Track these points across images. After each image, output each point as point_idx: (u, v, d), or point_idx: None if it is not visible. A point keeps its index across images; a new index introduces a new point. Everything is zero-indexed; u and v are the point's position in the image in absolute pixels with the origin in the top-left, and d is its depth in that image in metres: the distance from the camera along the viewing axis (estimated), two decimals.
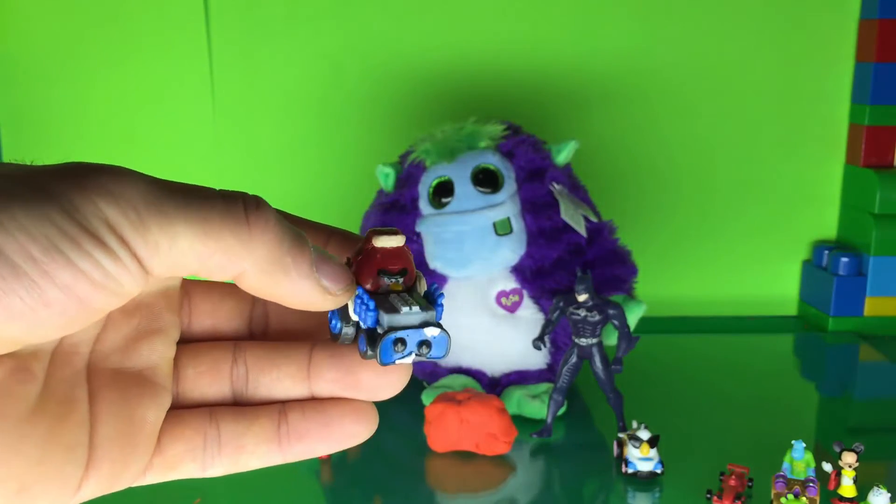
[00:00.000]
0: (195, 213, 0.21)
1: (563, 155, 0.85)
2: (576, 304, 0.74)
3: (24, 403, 0.21)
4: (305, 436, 0.25)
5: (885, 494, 0.62)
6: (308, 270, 0.22)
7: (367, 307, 0.23)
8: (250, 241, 0.21)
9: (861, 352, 1.04)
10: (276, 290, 0.22)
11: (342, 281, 0.23)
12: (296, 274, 0.22)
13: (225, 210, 0.21)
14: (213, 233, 0.21)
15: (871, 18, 1.05)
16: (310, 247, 0.22)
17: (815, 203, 1.13)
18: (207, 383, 0.25)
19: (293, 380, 0.25)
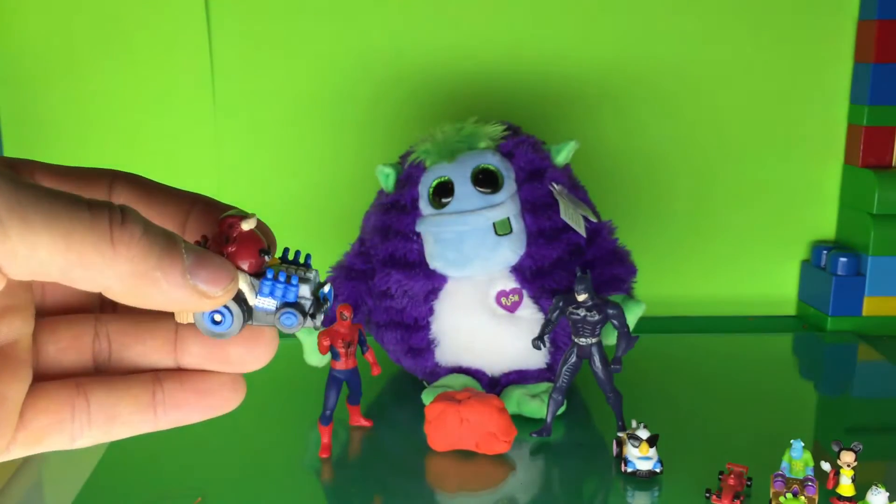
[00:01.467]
0: (58, 224, 0.20)
1: (563, 155, 0.85)
2: (575, 303, 0.75)
3: None
4: (182, 404, 0.25)
5: (883, 493, 0.62)
6: (181, 280, 0.21)
7: (288, 284, 0.24)
8: (114, 257, 0.21)
9: (859, 351, 1.04)
10: (147, 301, 0.22)
11: (223, 281, 0.22)
12: (167, 286, 0.21)
13: (90, 223, 0.20)
14: (74, 246, 0.20)
15: (870, 19, 1.05)
16: (182, 254, 0.22)
17: (814, 203, 1.14)
18: (70, 358, 0.25)
19: (159, 354, 0.25)
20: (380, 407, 0.87)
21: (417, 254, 0.83)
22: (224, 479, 0.73)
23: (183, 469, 0.75)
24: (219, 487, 0.72)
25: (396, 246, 0.83)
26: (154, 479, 0.73)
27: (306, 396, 0.85)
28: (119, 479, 0.73)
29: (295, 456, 0.77)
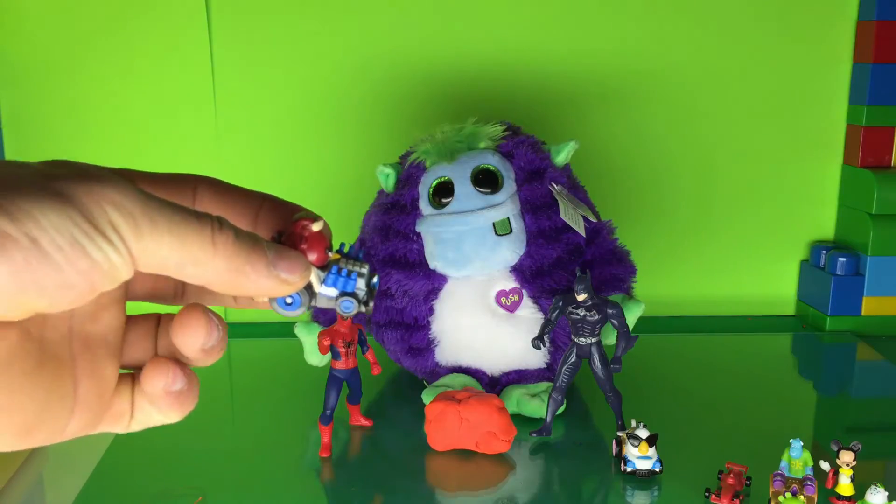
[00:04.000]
0: (177, 229, 0.25)
1: (563, 155, 0.85)
2: (575, 303, 0.75)
3: (30, 360, 0.25)
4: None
5: (882, 493, 0.62)
6: (265, 271, 0.27)
7: (350, 277, 0.29)
8: (214, 256, 0.26)
9: (858, 351, 1.04)
10: (240, 290, 0.27)
11: (298, 271, 0.28)
12: (255, 276, 0.27)
13: (198, 229, 0.25)
14: (187, 247, 0.25)
15: (869, 20, 1.06)
16: (265, 251, 0.27)
17: (813, 203, 1.14)
18: (139, 349, 0.30)
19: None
20: (380, 407, 0.87)
21: (417, 254, 0.83)
22: (224, 479, 0.73)
23: (184, 468, 0.75)
24: (219, 487, 0.72)
25: (396, 246, 0.84)
26: (155, 479, 0.73)
27: (306, 396, 0.85)
28: (120, 479, 0.73)
29: (295, 455, 0.77)
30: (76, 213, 0.23)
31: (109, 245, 0.24)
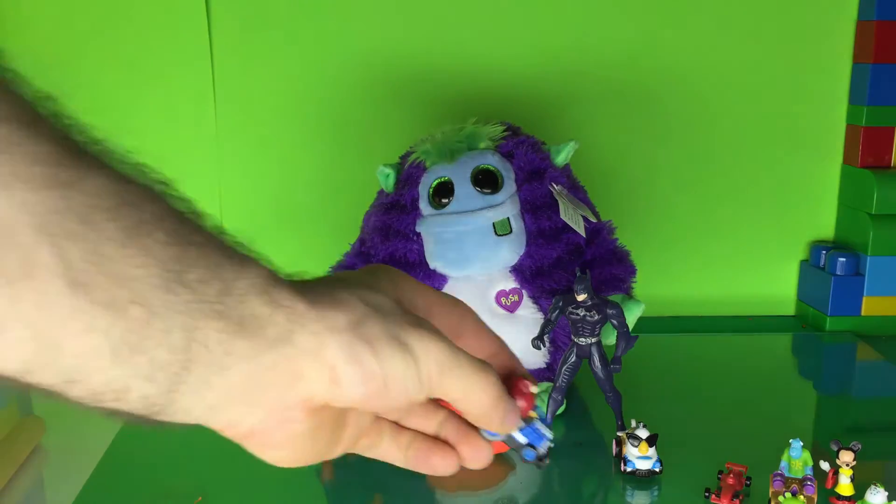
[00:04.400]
0: (468, 375, 0.32)
1: (563, 156, 0.85)
2: (575, 303, 0.75)
3: (325, 432, 0.32)
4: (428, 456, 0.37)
5: (882, 493, 0.62)
6: (502, 415, 0.34)
7: (544, 435, 0.37)
8: (482, 398, 0.33)
9: (858, 351, 1.04)
10: (478, 422, 0.35)
11: (516, 421, 0.35)
12: (495, 417, 0.34)
13: (482, 377, 0.33)
14: (470, 387, 0.32)
15: (869, 20, 1.06)
16: (507, 401, 0.34)
17: (813, 203, 1.14)
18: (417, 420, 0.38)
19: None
20: None
21: (417, 254, 0.83)
22: (224, 479, 0.73)
23: (183, 469, 0.75)
24: (219, 487, 0.72)
25: (396, 246, 0.84)
26: (155, 479, 0.73)
27: None
28: (120, 479, 0.73)
29: None
30: (412, 364, 0.30)
31: (423, 388, 0.31)
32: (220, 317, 0.26)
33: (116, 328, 0.24)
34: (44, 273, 0.23)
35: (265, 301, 0.28)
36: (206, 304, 0.26)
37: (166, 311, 0.25)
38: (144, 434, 0.81)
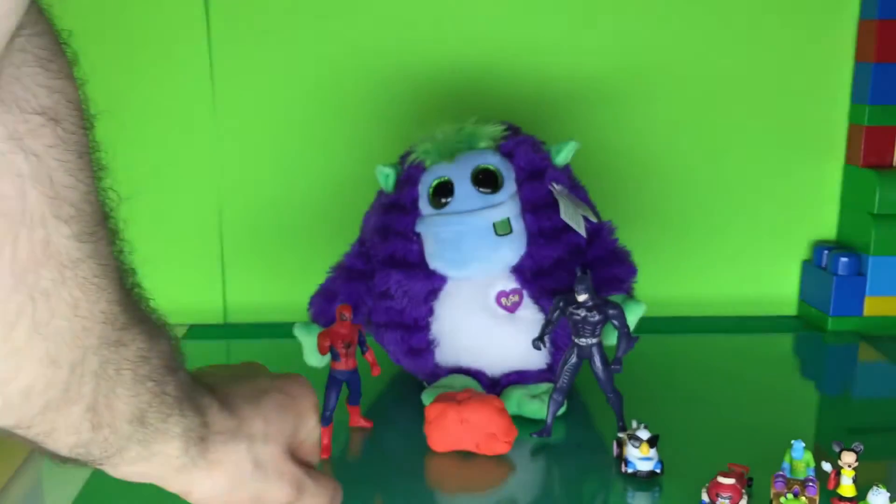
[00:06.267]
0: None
1: (563, 155, 0.85)
2: (575, 304, 0.75)
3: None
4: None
5: (884, 494, 0.62)
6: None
7: None
8: None
9: (860, 351, 1.04)
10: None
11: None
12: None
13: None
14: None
15: (871, 19, 1.05)
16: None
17: (815, 203, 1.14)
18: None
19: None
20: (380, 407, 0.87)
21: (417, 254, 0.83)
22: None
23: None
24: None
25: (396, 246, 0.83)
26: None
27: None
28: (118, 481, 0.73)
29: None
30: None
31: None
32: (144, 446, 0.37)
33: (87, 437, 0.34)
34: (81, 401, 0.32)
35: (180, 448, 0.39)
36: (144, 436, 0.37)
37: (119, 436, 0.36)
38: None
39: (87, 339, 0.31)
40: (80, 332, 0.30)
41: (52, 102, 0.28)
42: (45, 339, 0.29)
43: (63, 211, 0.28)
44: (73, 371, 0.31)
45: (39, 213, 0.27)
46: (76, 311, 0.30)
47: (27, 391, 0.30)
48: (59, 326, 0.29)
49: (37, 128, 0.27)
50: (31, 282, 0.28)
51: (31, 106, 0.27)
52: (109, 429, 0.35)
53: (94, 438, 0.34)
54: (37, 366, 0.30)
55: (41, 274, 0.28)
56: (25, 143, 0.26)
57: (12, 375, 0.29)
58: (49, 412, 0.32)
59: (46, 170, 0.27)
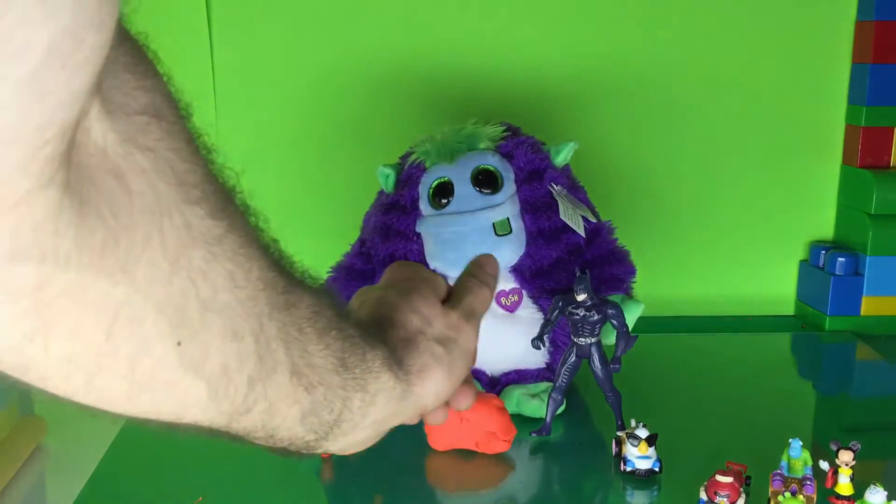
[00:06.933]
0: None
1: (562, 156, 0.85)
2: (575, 303, 0.75)
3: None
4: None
5: (881, 492, 0.62)
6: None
7: None
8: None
9: (858, 351, 1.04)
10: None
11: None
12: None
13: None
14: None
15: (868, 20, 1.06)
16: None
17: (812, 203, 1.14)
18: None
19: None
20: None
21: (417, 254, 0.83)
22: (225, 479, 0.73)
23: (184, 468, 0.75)
24: (219, 487, 0.72)
25: (397, 246, 0.84)
26: (155, 479, 0.74)
27: None
28: (121, 479, 0.74)
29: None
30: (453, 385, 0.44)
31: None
32: (363, 390, 0.37)
33: (307, 402, 0.35)
34: (280, 367, 0.33)
35: (390, 376, 0.39)
36: (356, 381, 0.37)
37: (335, 388, 0.36)
38: (145, 434, 0.81)
39: (256, 307, 0.32)
40: (248, 302, 0.32)
41: (150, 100, 0.30)
42: (218, 315, 0.31)
43: (191, 195, 0.30)
44: (257, 340, 0.32)
45: (172, 201, 0.29)
46: (235, 282, 0.31)
47: (224, 368, 0.31)
48: (225, 300, 0.31)
49: (143, 126, 0.29)
50: (186, 264, 0.29)
51: (132, 108, 0.29)
52: (322, 386, 0.35)
53: (314, 401, 0.35)
54: (220, 341, 0.31)
55: (193, 255, 0.29)
56: (139, 142, 0.28)
57: (203, 356, 0.31)
58: (257, 385, 0.33)
59: (165, 161, 0.29)
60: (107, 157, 0.27)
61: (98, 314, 0.27)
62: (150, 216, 0.28)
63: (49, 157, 0.24)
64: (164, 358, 0.29)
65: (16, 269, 0.25)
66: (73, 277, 0.26)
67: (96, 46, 0.24)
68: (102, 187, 0.27)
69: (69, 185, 0.25)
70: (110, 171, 0.27)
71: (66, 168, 0.25)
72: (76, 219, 0.25)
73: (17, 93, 0.22)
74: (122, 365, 0.29)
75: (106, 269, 0.27)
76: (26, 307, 0.26)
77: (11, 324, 0.26)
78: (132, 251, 0.27)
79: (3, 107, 0.22)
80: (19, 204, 0.24)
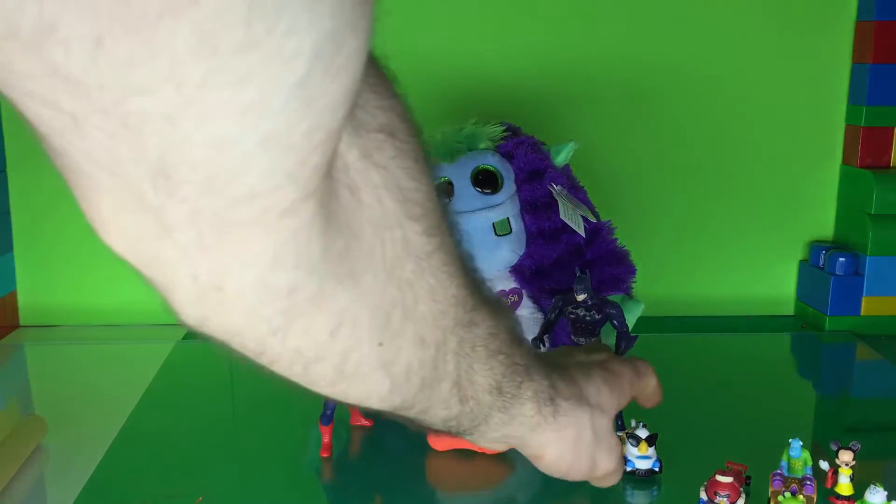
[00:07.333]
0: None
1: (562, 156, 0.85)
2: (575, 303, 0.75)
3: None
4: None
5: (881, 492, 0.62)
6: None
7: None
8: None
9: (858, 351, 1.04)
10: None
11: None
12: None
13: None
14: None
15: (868, 21, 1.06)
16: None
17: (813, 203, 1.14)
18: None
19: None
20: None
21: None
22: (225, 479, 0.73)
23: (184, 468, 0.75)
24: (219, 487, 0.72)
25: None
26: (155, 479, 0.74)
27: (307, 396, 0.85)
28: (121, 479, 0.74)
29: (295, 455, 0.77)
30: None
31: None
32: (506, 412, 0.41)
33: (456, 410, 0.38)
34: (448, 377, 0.37)
35: (533, 409, 0.42)
36: (504, 403, 0.40)
37: (483, 406, 0.39)
38: (145, 434, 0.81)
39: (445, 321, 0.35)
40: (439, 315, 0.35)
41: (387, 119, 0.32)
42: (413, 323, 0.34)
43: (413, 211, 0.32)
44: (438, 350, 0.35)
45: (395, 216, 0.31)
46: (434, 296, 0.34)
47: (407, 370, 0.34)
48: (422, 311, 0.34)
49: (380, 144, 0.31)
50: (399, 275, 0.32)
51: (372, 126, 0.31)
52: (474, 401, 0.38)
53: (462, 411, 0.38)
54: (411, 347, 0.34)
55: (405, 267, 0.32)
56: (375, 159, 0.30)
57: (395, 357, 0.34)
58: (425, 389, 0.36)
59: (394, 178, 0.31)
60: (348, 172, 0.29)
61: (328, 316, 0.30)
62: (375, 228, 0.31)
63: (316, 166, 0.26)
64: (367, 356, 0.33)
65: (277, 274, 0.27)
66: (317, 283, 0.29)
67: (354, 50, 0.25)
68: (342, 200, 0.29)
69: (323, 198, 0.27)
70: (348, 186, 0.29)
71: (327, 180, 0.27)
72: (324, 229, 0.28)
73: (290, 100, 0.23)
74: (336, 358, 0.32)
75: (340, 276, 0.29)
76: (279, 308, 0.28)
77: (264, 321, 0.29)
78: (360, 260, 0.30)
79: (276, 114, 0.23)
80: (287, 213, 0.26)
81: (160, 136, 0.23)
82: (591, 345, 0.56)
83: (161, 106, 0.22)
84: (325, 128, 0.25)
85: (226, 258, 0.26)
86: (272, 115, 0.23)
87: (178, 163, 0.23)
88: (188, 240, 0.26)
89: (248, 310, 0.28)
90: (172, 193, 0.24)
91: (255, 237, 0.26)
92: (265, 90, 0.23)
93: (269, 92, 0.23)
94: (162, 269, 0.27)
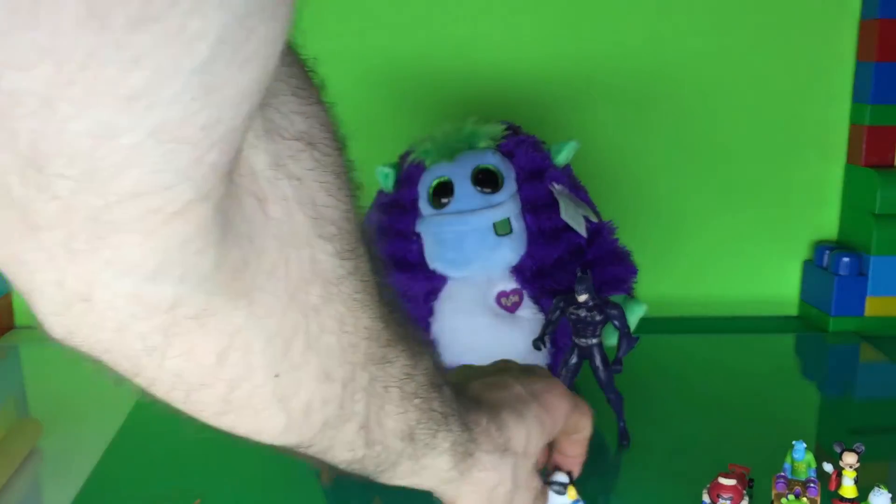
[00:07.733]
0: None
1: (563, 155, 0.85)
2: (576, 304, 0.74)
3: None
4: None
5: (885, 495, 0.62)
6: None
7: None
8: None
9: (862, 352, 1.03)
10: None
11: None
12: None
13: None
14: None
15: (872, 18, 1.05)
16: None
17: (816, 203, 1.13)
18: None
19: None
20: None
21: (417, 254, 0.83)
22: (224, 480, 0.73)
23: (182, 469, 0.75)
24: (218, 487, 0.71)
25: (396, 246, 0.83)
26: (153, 480, 0.73)
27: None
28: (118, 481, 0.73)
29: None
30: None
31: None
32: (416, 461, 0.39)
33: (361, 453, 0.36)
34: (355, 418, 0.34)
35: (449, 462, 0.39)
36: (415, 452, 0.38)
37: (391, 452, 0.37)
38: (142, 436, 0.80)
39: (355, 356, 0.32)
40: (348, 348, 0.31)
41: (307, 127, 0.29)
42: (317, 355, 0.30)
43: (326, 230, 0.29)
44: (345, 387, 0.32)
45: (305, 234, 0.28)
46: (342, 326, 0.31)
47: (307, 407, 0.31)
48: (328, 342, 0.30)
49: (296, 153, 0.28)
50: (303, 299, 0.29)
51: (289, 133, 0.28)
52: (381, 445, 0.36)
53: (367, 455, 0.36)
54: (313, 381, 0.31)
55: (310, 291, 0.29)
56: (288, 169, 0.28)
57: (293, 391, 0.30)
58: (328, 430, 0.33)
59: (308, 192, 0.28)
60: (255, 179, 0.26)
61: (216, 337, 0.27)
62: (281, 245, 0.27)
63: (214, 165, 0.22)
64: (260, 387, 0.29)
65: (157, 287, 0.24)
66: (204, 299, 0.25)
67: (267, 39, 0.22)
68: (246, 209, 0.26)
69: (221, 203, 0.24)
70: (254, 194, 0.26)
71: (226, 183, 0.24)
72: (219, 238, 0.24)
73: (187, 87, 0.20)
74: (222, 386, 0.29)
75: (233, 293, 0.26)
76: (156, 325, 0.25)
77: (138, 338, 0.26)
78: (258, 278, 0.27)
79: (170, 102, 0.20)
80: (176, 216, 0.22)
81: (33, 121, 0.20)
82: (530, 367, 0.52)
83: (36, 85, 0.19)
84: (227, 123, 0.22)
85: (97, 264, 0.23)
86: (165, 102, 0.20)
87: (53, 154, 0.20)
88: (55, 241, 0.23)
89: (119, 325, 0.25)
90: (43, 188, 0.21)
91: (135, 242, 0.23)
92: (159, 74, 0.20)
93: (164, 76, 0.20)
94: (22, 272, 0.24)
